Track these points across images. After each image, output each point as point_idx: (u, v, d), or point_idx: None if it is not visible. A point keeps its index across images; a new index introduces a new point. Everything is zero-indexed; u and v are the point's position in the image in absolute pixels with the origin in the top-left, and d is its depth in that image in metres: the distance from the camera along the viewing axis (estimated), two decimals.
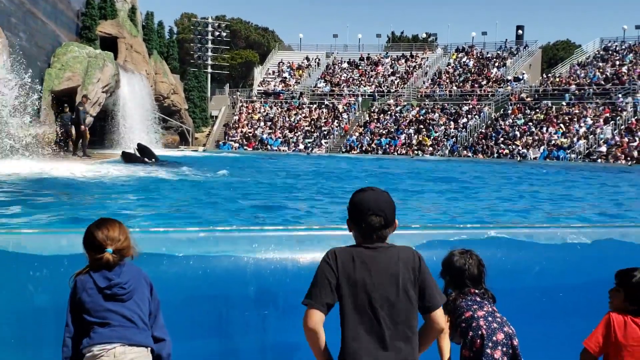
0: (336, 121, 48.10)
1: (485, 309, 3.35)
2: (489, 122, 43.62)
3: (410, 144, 43.24)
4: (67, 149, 23.09)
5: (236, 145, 46.42)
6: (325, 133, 46.83)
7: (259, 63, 61.35)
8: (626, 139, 36.90)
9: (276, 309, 4.01)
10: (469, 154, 40.47)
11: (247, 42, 70.97)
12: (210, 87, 53.35)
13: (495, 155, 39.39)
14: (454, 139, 42.58)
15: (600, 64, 47.03)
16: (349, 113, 48.77)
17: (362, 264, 2.83)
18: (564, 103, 42.45)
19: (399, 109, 47.73)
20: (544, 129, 40.47)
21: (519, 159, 37.41)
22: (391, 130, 45.38)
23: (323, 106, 50.22)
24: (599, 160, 35.69)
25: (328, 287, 2.80)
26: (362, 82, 53.13)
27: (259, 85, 55.24)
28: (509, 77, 48.61)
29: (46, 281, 3.66)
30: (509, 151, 39.41)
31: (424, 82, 51.33)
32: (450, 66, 52.83)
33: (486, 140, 41.39)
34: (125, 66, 31.79)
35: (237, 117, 50.41)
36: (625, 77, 43.40)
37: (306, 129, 47.87)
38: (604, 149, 36.70)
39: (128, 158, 21.88)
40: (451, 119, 44.86)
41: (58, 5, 27.30)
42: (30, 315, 3.68)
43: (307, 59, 58.10)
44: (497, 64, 51.41)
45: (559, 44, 72.02)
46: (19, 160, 17.88)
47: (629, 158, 35.05)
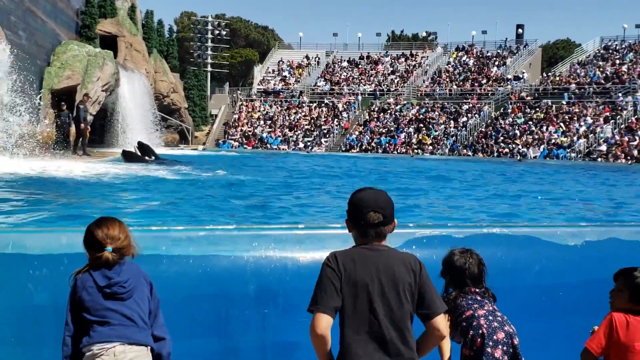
0: (336, 120, 48.09)
1: (485, 308, 3.34)
2: (489, 121, 43.62)
3: (410, 142, 43.24)
4: (67, 147, 23.06)
5: (236, 144, 46.41)
6: (325, 132, 46.83)
7: (258, 62, 61.31)
8: (626, 138, 36.92)
9: (276, 308, 4.01)
10: (469, 152, 40.47)
11: (246, 40, 70.97)
12: (210, 85, 53.32)
13: (495, 154, 39.39)
14: (453, 137, 42.58)
15: (601, 63, 47.01)
16: (348, 112, 48.76)
17: (364, 265, 2.81)
18: (564, 102, 42.45)
19: (398, 107, 47.72)
20: (544, 128, 40.47)
21: (519, 158, 37.40)
22: (391, 129, 45.37)
23: (323, 105, 50.21)
24: (599, 159, 35.70)
25: (333, 291, 2.76)
26: (362, 81, 53.11)
27: (258, 84, 55.20)
28: (509, 76, 48.60)
29: (46, 280, 3.65)
30: (508, 150, 39.41)
31: (424, 81, 51.31)
32: (450, 65, 52.81)
33: (486, 139, 41.39)
34: (125, 65, 31.76)
35: (236, 116, 50.39)
36: (625, 76, 43.39)
37: (306, 127, 47.86)
38: (604, 148, 36.71)
39: (129, 157, 21.80)
40: (451, 117, 44.85)
41: (58, 4, 27.27)
42: (30, 313, 3.67)
43: (307, 57, 58.06)
44: (497, 62, 51.38)
45: (559, 42, 72.01)
46: (18, 159, 17.86)
47: (629, 157, 35.06)
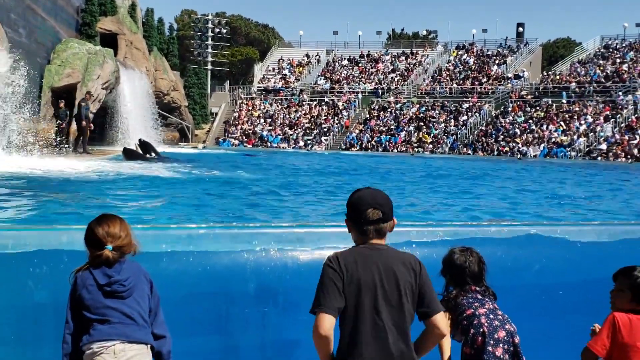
0: (336, 118, 48.08)
1: (486, 306, 3.34)
2: (489, 119, 43.60)
3: (410, 141, 43.23)
4: (67, 144, 23.04)
5: (236, 142, 46.39)
6: (325, 130, 46.81)
7: (259, 60, 61.31)
8: (626, 137, 36.91)
9: (276, 306, 4.00)
10: (469, 151, 40.46)
11: (247, 39, 70.97)
12: (210, 84, 53.31)
13: (495, 152, 39.38)
14: (454, 136, 42.57)
15: (601, 61, 46.98)
16: (349, 110, 48.74)
17: (365, 264, 2.80)
18: (564, 101, 42.43)
19: (399, 106, 47.70)
20: (544, 126, 40.46)
21: (519, 156, 37.40)
22: (391, 128, 45.36)
23: (323, 103, 50.19)
24: (599, 158, 35.68)
25: (336, 291, 2.74)
26: (362, 79, 53.08)
27: (259, 82, 55.18)
28: (509, 75, 48.58)
29: (45, 278, 3.65)
30: (509, 149, 39.40)
31: (424, 80, 51.28)
32: (450, 63, 52.78)
33: (486, 138, 41.39)
34: (125, 63, 31.73)
35: (237, 114, 50.37)
36: (625, 75, 43.37)
37: (306, 126, 47.84)
38: (604, 146, 36.70)
39: (129, 155, 21.78)
40: (451, 116, 44.84)
41: (58, 2, 27.22)
42: (29, 312, 3.67)
43: (307, 56, 58.03)
44: (497, 61, 51.35)
45: (559, 41, 72.01)
46: (18, 156, 17.86)
47: (629, 156, 35.05)
